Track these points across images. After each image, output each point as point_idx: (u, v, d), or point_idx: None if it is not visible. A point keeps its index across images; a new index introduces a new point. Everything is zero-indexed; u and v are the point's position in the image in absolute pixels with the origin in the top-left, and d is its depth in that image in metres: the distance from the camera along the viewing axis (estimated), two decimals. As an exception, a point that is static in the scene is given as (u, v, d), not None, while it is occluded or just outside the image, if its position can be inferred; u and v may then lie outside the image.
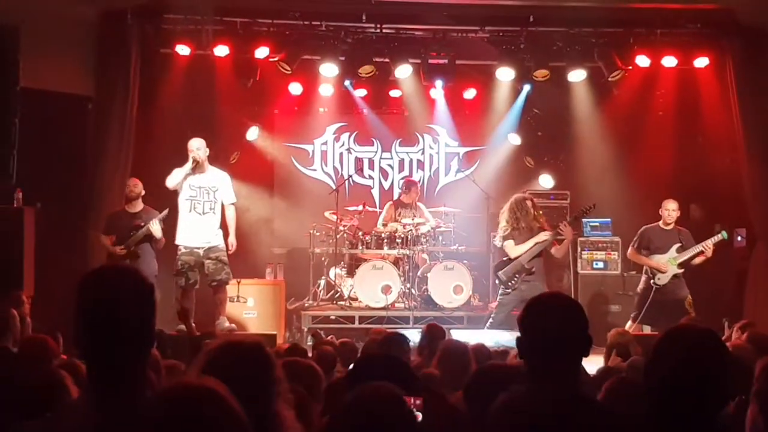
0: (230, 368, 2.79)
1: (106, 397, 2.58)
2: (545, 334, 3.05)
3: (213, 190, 10.81)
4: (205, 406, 2.11)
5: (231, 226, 10.99)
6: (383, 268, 12.45)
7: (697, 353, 2.62)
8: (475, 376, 4.10)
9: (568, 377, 3.04)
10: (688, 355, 2.62)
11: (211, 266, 10.76)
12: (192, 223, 10.75)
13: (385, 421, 2.40)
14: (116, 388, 2.59)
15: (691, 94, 12.91)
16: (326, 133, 14.89)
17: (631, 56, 12.26)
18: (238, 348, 3.00)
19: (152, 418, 2.12)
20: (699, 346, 2.64)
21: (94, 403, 2.60)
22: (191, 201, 10.73)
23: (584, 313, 3.13)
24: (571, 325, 3.07)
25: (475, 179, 13.69)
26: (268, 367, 2.97)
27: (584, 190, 13.64)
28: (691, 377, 2.59)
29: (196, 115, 13.12)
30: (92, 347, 2.63)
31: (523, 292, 10.45)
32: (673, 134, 13.32)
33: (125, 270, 2.81)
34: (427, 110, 14.54)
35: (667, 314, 9.83)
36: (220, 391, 2.17)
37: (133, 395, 2.60)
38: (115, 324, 2.59)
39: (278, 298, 12.31)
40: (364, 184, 14.88)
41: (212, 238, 10.76)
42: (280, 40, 12.19)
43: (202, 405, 2.11)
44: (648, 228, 10.98)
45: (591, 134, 13.72)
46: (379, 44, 12.55)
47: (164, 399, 2.16)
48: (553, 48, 12.50)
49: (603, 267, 12.88)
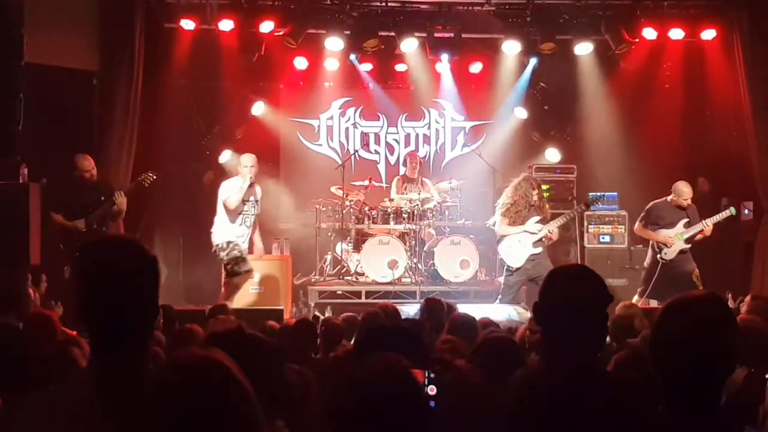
0: None
1: (109, 369, 2.57)
2: (569, 304, 3.04)
3: (258, 203, 10.94)
4: (213, 376, 2.11)
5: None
6: (390, 243, 12.44)
7: (702, 319, 2.60)
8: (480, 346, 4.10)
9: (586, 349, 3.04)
10: (693, 321, 2.60)
11: None
12: (241, 236, 10.84)
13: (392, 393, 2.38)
14: (119, 359, 2.58)
15: (697, 66, 12.83)
16: (332, 107, 14.85)
17: (638, 29, 12.19)
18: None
19: (160, 386, 2.12)
20: (704, 312, 2.62)
21: (98, 375, 2.59)
22: (243, 215, 10.77)
23: (606, 286, 3.13)
24: (595, 298, 3.07)
25: (482, 153, 13.65)
26: None
27: (591, 164, 13.62)
28: (697, 342, 2.57)
29: (201, 90, 13.12)
30: (94, 319, 2.61)
31: (528, 270, 10.47)
32: (679, 107, 13.25)
33: (127, 241, 2.79)
34: (433, 84, 14.49)
35: (675, 288, 9.76)
36: (226, 362, 2.16)
37: (137, 367, 2.59)
38: (118, 295, 2.58)
39: (285, 274, 12.30)
40: (370, 158, 14.85)
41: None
42: (285, 14, 12.13)
43: (210, 374, 2.11)
44: (656, 203, 10.93)
45: (598, 108, 13.66)
46: (384, 18, 12.49)
47: (173, 368, 2.16)
48: (559, 21, 12.44)
49: (609, 241, 12.86)
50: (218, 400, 2.09)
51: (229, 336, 2.99)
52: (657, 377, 2.67)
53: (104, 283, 2.58)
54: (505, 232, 10.57)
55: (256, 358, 2.88)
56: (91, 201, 10.26)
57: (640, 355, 4.14)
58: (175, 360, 2.20)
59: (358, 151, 14.32)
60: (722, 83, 12.54)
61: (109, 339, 2.60)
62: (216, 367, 2.14)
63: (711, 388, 2.61)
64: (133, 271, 2.61)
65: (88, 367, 2.71)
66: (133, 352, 2.61)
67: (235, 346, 2.84)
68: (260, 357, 2.92)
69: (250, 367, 2.71)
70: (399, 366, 2.47)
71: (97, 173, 10.38)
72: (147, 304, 2.65)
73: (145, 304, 2.64)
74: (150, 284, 2.66)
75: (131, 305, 2.59)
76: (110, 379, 2.56)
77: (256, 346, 2.96)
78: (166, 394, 2.10)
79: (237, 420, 2.11)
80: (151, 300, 2.66)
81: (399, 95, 14.79)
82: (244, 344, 2.94)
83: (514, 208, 10.55)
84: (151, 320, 2.71)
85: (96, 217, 10.23)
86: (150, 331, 2.72)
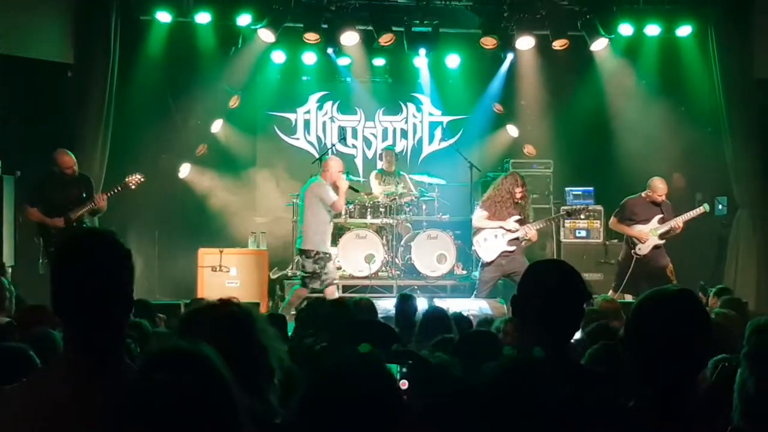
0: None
1: (84, 362, 2.57)
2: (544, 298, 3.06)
3: None
4: (193, 372, 2.11)
5: None
6: (366, 237, 12.44)
7: (676, 315, 2.63)
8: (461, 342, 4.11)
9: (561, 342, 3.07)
10: (667, 316, 2.62)
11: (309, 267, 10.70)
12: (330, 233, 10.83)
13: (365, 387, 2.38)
14: (94, 353, 2.58)
15: (673, 62, 12.91)
16: (309, 101, 14.81)
17: (614, 25, 12.25)
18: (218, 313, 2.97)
19: (143, 381, 2.12)
20: (678, 308, 2.64)
21: (72, 368, 2.58)
22: (330, 212, 10.64)
23: (584, 282, 3.15)
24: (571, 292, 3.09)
25: (459, 148, 13.65)
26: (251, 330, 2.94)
27: (567, 159, 13.67)
28: (670, 337, 2.59)
29: (178, 83, 13.04)
30: (69, 312, 2.61)
31: (503, 266, 10.43)
32: (655, 103, 13.32)
33: (102, 234, 2.78)
34: (411, 79, 14.50)
35: (649, 283, 9.82)
36: (209, 355, 2.16)
37: (112, 361, 2.59)
38: (92, 288, 2.57)
39: (261, 268, 12.26)
40: (347, 153, 14.83)
41: None
42: (263, 7, 12.08)
43: (191, 370, 2.11)
44: (631, 199, 10.99)
45: (574, 103, 13.71)
46: (362, 12, 12.49)
47: (155, 362, 2.15)
48: (536, 16, 12.48)
49: (585, 235, 12.91)
50: (198, 397, 2.09)
51: (205, 309, 2.98)
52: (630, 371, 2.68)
53: (79, 276, 2.59)
54: (481, 225, 10.52)
55: (234, 324, 2.88)
56: (71, 197, 10.12)
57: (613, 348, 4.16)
58: (159, 353, 2.20)
59: (335, 145, 14.31)
60: (697, 79, 12.63)
61: (83, 332, 2.59)
62: (198, 361, 2.14)
63: (683, 382, 2.63)
64: (107, 265, 2.61)
65: (63, 360, 2.70)
66: (108, 346, 2.61)
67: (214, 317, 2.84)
68: (238, 322, 2.91)
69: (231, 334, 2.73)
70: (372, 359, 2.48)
71: None
72: (121, 297, 2.65)
73: (119, 297, 2.64)
74: (124, 278, 2.66)
75: (106, 299, 2.59)
76: (85, 372, 2.55)
77: (232, 313, 2.95)
78: (150, 386, 2.10)
79: (216, 418, 2.12)
80: (125, 294, 2.66)
81: (377, 89, 14.77)
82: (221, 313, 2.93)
83: (493, 201, 10.47)
84: (126, 314, 2.71)
85: (75, 213, 10.10)
86: (124, 325, 2.72)
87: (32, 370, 3.71)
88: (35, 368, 3.78)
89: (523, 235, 10.43)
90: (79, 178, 10.26)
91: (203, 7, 11.85)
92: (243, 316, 2.92)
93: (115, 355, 2.63)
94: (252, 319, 2.91)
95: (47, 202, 10.06)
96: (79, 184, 10.22)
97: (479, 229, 10.57)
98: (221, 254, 11.96)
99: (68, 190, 10.14)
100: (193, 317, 2.94)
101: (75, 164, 10.15)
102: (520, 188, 10.44)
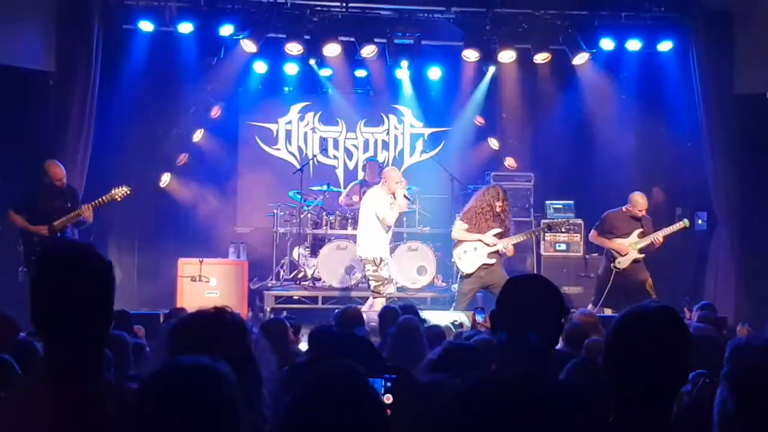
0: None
1: (63, 375, 2.55)
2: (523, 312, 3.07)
3: None
4: (204, 388, 2.09)
5: None
6: (347, 249, 12.43)
7: (657, 331, 2.64)
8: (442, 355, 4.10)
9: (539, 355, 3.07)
10: (648, 333, 2.64)
11: None
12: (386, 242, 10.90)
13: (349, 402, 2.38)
14: (72, 365, 2.56)
15: (654, 77, 12.99)
16: (291, 112, 14.80)
17: (596, 39, 12.32)
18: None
19: (149, 398, 2.10)
20: (658, 324, 2.66)
21: (51, 380, 2.56)
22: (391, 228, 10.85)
23: (562, 297, 3.17)
24: (549, 305, 3.10)
25: (440, 160, 13.67)
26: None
27: (548, 172, 13.71)
28: (651, 355, 2.61)
29: (159, 92, 13.01)
30: (48, 323, 2.60)
31: (482, 278, 10.37)
32: (635, 117, 13.39)
33: (82, 245, 2.77)
34: (393, 91, 14.52)
35: (628, 297, 9.85)
36: (221, 370, 2.15)
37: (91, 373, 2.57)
38: (72, 300, 2.56)
39: (241, 278, 12.23)
40: (328, 164, 14.83)
41: None
42: (245, 18, 12.09)
43: (201, 387, 2.09)
44: (612, 213, 11.01)
45: (555, 117, 13.77)
46: (344, 23, 12.49)
47: (161, 380, 2.14)
48: (518, 30, 12.52)
49: (565, 249, 12.93)
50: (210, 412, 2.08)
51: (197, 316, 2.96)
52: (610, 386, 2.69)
53: (58, 290, 2.57)
54: (460, 237, 10.43)
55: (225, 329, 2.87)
56: (57, 207, 10.11)
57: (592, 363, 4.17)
58: (163, 369, 2.17)
59: (316, 156, 14.31)
60: (678, 94, 12.71)
61: (62, 344, 2.58)
62: (208, 377, 2.13)
63: (663, 398, 2.64)
64: (87, 279, 2.59)
65: (40, 372, 2.68)
66: (87, 359, 2.60)
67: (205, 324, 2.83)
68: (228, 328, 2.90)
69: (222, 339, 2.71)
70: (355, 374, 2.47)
71: None
72: (101, 311, 2.63)
73: (99, 312, 2.62)
74: (104, 292, 2.64)
75: (85, 313, 2.58)
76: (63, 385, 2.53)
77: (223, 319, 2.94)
78: (157, 404, 2.08)
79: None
80: (105, 307, 2.65)
81: (358, 100, 14.78)
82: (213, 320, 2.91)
83: (474, 212, 10.40)
84: (105, 327, 2.69)
85: (59, 222, 10.07)
86: (104, 338, 2.70)
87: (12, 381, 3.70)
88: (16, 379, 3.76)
89: (501, 249, 10.38)
90: (67, 190, 10.27)
91: (186, 18, 11.83)
92: (237, 325, 2.90)
93: (94, 368, 2.61)
94: (245, 329, 2.90)
95: (33, 211, 10.06)
96: (66, 195, 10.23)
97: (459, 241, 10.53)
98: (201, 264, 11.92)
99: (55, 200, 10.14)
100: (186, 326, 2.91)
101: (65, 176, 10.18)
102: (501, 202, 10.34)
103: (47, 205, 10.09)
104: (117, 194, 10.30)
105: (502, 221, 10.42)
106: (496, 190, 10.50)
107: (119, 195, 10.31)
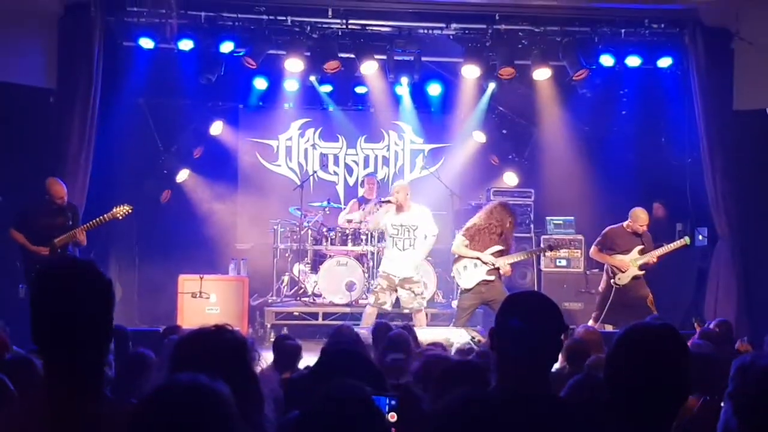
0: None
1: (62, 393, 2.54)
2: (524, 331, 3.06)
3: (413, 228, 10.75)
4: (200, 408, 2.09)
5: (424, 252, 11.04)
6: (347, 265, 12.43)
7: (658, 350, 2.64)
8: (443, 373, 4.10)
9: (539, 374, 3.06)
10: (649, 352, 2.63)
11: (404, 296, 10.79)
12: (394, 258, 10.77)
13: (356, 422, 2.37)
14: (72, 383, 2.55)
15: (654, 93, 13.01)
16: (291, 128, 14.84)
17: (596, 55, 12.33)
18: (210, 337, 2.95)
19: (145, 417, 2.09)
20: (659, 343, 2.66)
21: (50, 398, 2.56)
22: (393, 238, 10.72)
23: (561, 314, 3.16)
24: (549, 324, 3.09)
25: (440, 176, 13.68)
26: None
27: (548, 188, 13.71)
28: (652, 373, 2.61)
29: (160, 108, 13.05)
30: (48, 342, 2.59)
31: (483, 294, 10.28)
32: (636, 133, 13.41)
33: (82, 263, 2.77)
34: (393, 107, 14.54)
35: (629, 313, 9.78)
36: (218, 390, 2.14)
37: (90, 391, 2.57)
38: (71, 319, 2.56)
39: (241, 294, 12.22)
40: (328, 180, 14.84)
41: (410, 271, 10.78)
42: (245, 34, 12.11)
43: (197, 407, 2.09)
44: (612, 229, 10.98)
45: (555, 133, 13.78)
46: (344, 40, 12.51)
47: (157, 399, 2.13)
48: (518, 46, 12.54)
49: (566, 265, 12.93)
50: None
51: (200, 335, 2.95)
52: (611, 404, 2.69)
53: (58, 307, 2.57)
54: (460, 253, 10.30)
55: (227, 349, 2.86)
56: (58, 225, 10.14)
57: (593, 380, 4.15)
58: (162, 388, 2.17)
59: (316, 172, 14.32)
60: (678, 109, 12.72)
61: (61, 362, 2.58)
62: (207, 397, 2.12)
63: (664, 416, 2.64)
64: (87, 297, 2.59)
65: (40, 390, 2.68)
66: (86, 376, 2.59)
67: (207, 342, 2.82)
68: (230, 348, 2.89)
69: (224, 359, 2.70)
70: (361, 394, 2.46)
71: None
72: (100, 329, 2.63)
73: (98, 329, 2.62)
74: (104, 309, 2.64)
75: (84, 330, 2.57)
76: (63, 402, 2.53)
77: (226, 339, 2.93)
78: (145, 422, 2.08)
79: None
80: (105, 324, 2.64)
81: (358, 117, 14.81)
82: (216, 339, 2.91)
83: (478, 229, 10.27)
84: (105, 344, 2.68)
85: (61, 240, 10.08)
86: (104, 356, 2.70)
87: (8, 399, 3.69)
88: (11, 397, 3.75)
89: (499, 267, 10.27)
90: (67, 207, 10.29)
91: (186, 35, 11.86)
92: (238, 344, 2.90)
93: (93, 385, 2.61)
94: (246, 347, 2.89)
95: (33, 229, 10.08)
96: (67, 212, 10.25)
97: (459, 256, 10.45)
98: (201, 280, 11.92)
99: (56, 218, 10.18)
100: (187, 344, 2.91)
101: (66, 194, 10.21)
102: (511, 217, 10.32)
103: (48, 222, 10.12)
104: (119, 213, 10.31)
105: (505, 239, 10.33)
106: (505, 209, 10.35)
107: (121, 214, 10.32)
